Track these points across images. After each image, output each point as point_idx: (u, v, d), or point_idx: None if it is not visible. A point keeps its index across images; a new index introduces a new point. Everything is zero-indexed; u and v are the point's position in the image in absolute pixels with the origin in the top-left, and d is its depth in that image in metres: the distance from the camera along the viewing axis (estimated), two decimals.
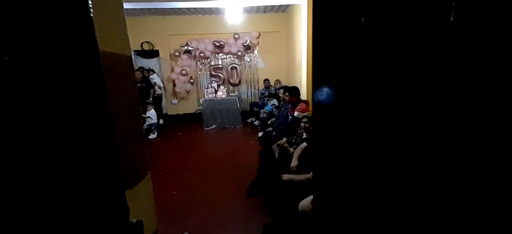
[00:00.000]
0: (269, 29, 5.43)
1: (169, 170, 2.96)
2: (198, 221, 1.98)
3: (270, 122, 3.45)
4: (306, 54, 2.70)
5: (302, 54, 2.96)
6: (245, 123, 4.96)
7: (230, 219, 1.99)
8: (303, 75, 2.94)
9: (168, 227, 1.91)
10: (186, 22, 5.27)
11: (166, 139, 4.33)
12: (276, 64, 5.65)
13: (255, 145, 3.74)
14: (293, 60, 4.61)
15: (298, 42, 3.62)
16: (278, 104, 4.17)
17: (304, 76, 2.89)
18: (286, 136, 2.44)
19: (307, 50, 2.70)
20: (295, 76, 4.30)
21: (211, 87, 4.96)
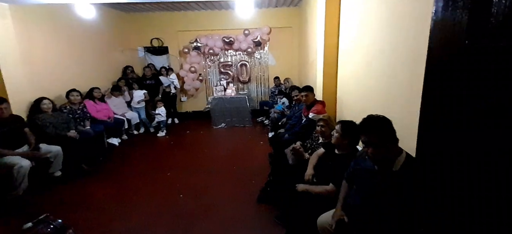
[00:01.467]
0: (281, 25, 5.20)
1: (177, 171, 2.88)
2: (204, 230, 1.86)
3: (281, 123, 3.27)
4: (323, 51, 2.49)
5: (318, 51, 2.74)
6: (254, 122, 4.81)
7: (238, 229, 1.86)
8: (318, 74, 2.73)
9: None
10: (196, 18, 5.14)
11: (174, 137, 4.27)
12: (287, 62, 5.43)
13: (265, 146, 3.59)
14: (305, 57, 4.38)
15: (313, 38, 3.39)
16: (288, 103, 3.98)
17: (319, 75, 2.69)
18: (300, 139, 2.27)
19: (323, 47, 2.49)
20: (308, 74, 4.08)
21: (220, 85, 4.84)
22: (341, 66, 2.46)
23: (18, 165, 2.19)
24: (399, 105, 1.48)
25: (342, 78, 2.46)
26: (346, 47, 2.33)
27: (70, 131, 2.99)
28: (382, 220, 1.10)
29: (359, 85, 2.04)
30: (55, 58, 3.29)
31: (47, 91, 3.01)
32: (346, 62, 2.34)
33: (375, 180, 1.13)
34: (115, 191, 2.47)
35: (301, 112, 2.68)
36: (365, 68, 1.90)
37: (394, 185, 1.06)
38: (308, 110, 2.42)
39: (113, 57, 4.60)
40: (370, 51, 1.82)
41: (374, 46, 1.75)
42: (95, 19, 4.06)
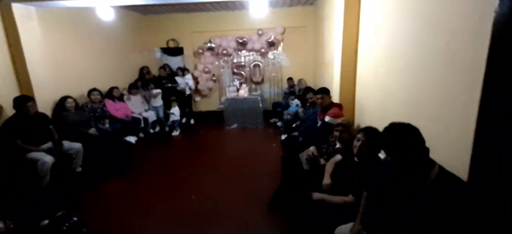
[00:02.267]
0: (295, 24, 5.08)
1: (189, 170, 2.89)
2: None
3: (295, 125, 3.18)
4: (340, 51, 2.36)
5: (335, 52, 2.61)
6: (267, 123, 4.74)
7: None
8: (335, 75, 2.60)
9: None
10: (210, 19, 5.19)
11: (188, 137, 4.33)
12: (301, 62, 5.29)
13: (278, 148, 3.51)
14: (321, 57, 4.23)
15: (329, 38, 3.26)
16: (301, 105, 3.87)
17: (336, 76, 2.55)
18: (315, 143, 2.16)
19: (341, 47, 2.36)
20: (324, 75, 3.94)
21: (233, 86, 4.83)
22: (360, 67, 2.32)
23: (41, 160, 2.31)
24: (429, 112, 1.34)
25: (361, 81, 2.31)
26: (366, 47, 2.19)
27: (90, 129, 3.12)
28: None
29: (381, 88, 1.90)
30: (77, 59, 3.46)
31: (70, 90, 3.17)
32: (366, 64, 2.20)
33: (401, 195, 1.02)
34: (130, 188, 2.53)
35: (316, 115, 2.57)
36: (388, 71, 1.76)
37: (425, 201, 0.95)
38: (324, 114, 2.30)
39: (131, 58, 4.77)
40: (394, 52, 1.68)
41: (400, 47, 1.61)
42: (114, 21, 4.23)
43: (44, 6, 2.66)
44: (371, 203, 1.21)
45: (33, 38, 2.69)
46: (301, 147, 2.32)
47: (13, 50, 2.52)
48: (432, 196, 0.93)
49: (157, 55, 5.60)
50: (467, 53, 1.04)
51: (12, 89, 2.54)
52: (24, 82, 2.62)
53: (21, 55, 2.55)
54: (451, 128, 1.17)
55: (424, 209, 0.95)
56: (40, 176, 2.31)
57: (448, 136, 1.19)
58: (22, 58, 2.56)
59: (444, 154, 1.15)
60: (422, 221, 0.95)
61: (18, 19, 2.47)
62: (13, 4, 2.39)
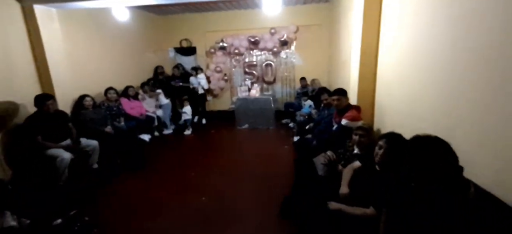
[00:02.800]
0: (309, 22, 4.93)
1: (200, 170, 2.88)
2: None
3: (308, 127, 3.06)
4: (359, 50, 2.22)
5: (352, 51, 2.47)
6: (278, 124, 4.65)
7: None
8: (353, 75, 2.45)
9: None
10: (223, 18, 5.17)
11: (199, 136, 4.34)
12: (314, 62, 5.13)
13: (290, 150, 3.42)
14: (336, 57, 4.07)
15: (346, 36, 3.10)
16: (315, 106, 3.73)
17: (354, 76, 2.41)
18: (330, 147, 2.04)
19: (360, 45, 2.21)
20: (339, 76, 3.77)
21: (244, 85, 4.78)
22: (381, 67, 2.16)
23: (60, 157, 2.39)
24: (465, 120, 1.18)
25: (382, 81, 2.15)
26: (389, 45, 2.02)
27: (107, 127, 3.21)
28: None
29: (407, 90, 1.74)
30: (95, 58, 3.57)
31: (88, 89, 3.27)
32: (388, 63, 2.03)
33: (430, 216, 0.89)
34: (142, 186, 2.56)
35: (331, 117, 2.45)
36: (417, 70, 1.60)
37: (460, 229, 0.81)
38: (340, 116, 2.18)
39: (146, 58, 4.87)
40: (424, 50, 1.53)
41: (431, 44, 1.45)
42: (130, 22, 4.33)
43: (64, 7, 2.76)
44: (393, 221, 1.10)
45: (54, 39, 2.80)
46: (315, 150, 2.22)
47: (36, 50, 2.62)
48: (468, 222, 0.80)
49: (171, 55, 5.69)
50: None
51: (34, 88, 2.65)
52: (46, 81, 2.73)
53: (43, 55, 2.65)
54: (491, 139, 1.02)
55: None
56: (58, 172, 2.39)
57: (488, 150, 1.04)
58: (44, 58, 2.66)
59: (483, 171, 1.01)
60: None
61: (40, 20, 2.57)
62: (35, 5, 2.48)
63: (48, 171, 2.38)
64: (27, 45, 2.59)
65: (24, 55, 2.57)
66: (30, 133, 2.35)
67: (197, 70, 4.97)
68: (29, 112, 2.47)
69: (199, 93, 4.95)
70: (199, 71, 4.97)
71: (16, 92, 2.45)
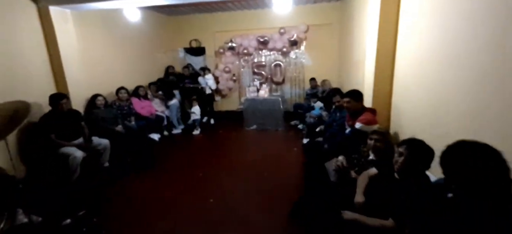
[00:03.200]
0: (320, 22, 4.82)
1: (208, 171, 2.86)
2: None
3: (318, 129, 2.97)
4: (375, 50, 2.11)
5: (367, 50, 2.36)
6: (287, 126, 4.57)
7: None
8: (367, 76, 2.34)
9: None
10: (232, 18, 5.15)
11: (208, 136, 4.34)
12: (325, 62, 5.01)
13: (299, 153, 3.33)
14: (348, 57, 3.93)
15: (360, 35, 2.98)
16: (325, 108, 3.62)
17: (368, 77, 2.29)
18: (343, 152, 1.96)
19: (375, 45, 2.10)
20: (351, 76, 3.64)
21: (253, 86, 4.73)
22: (399, 68, 2.04)
23: (72, 155, 2.44)
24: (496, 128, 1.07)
25: (400, 83, 2.03)
26: (408, 45, 1.91)
27: (117, 126, 3.26)
28: None
29: (428, 93, 1.62)
30: (107, 58, 3.65)
31: (101, 88, 3.34)
32: (408, 62, 1.90)
33: (469, 231, 0.80)
34: (150, 186, 2.57)
35: (344, 120, 2.35)
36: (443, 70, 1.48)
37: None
38: (354, 119, 2.08)
39: (156, 58, 4.94)
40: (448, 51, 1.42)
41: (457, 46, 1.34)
42: (141, 22, 4.39)
43: (78, 8, 2.82)
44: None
45: (68, 40, 2.87)
46: (326, 154, 2.14)
47: (51, 50, 2.69)
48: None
49: (181, 55, 5.74)
50: None
51: (50, 87, 2.72)
52: (60, 80, 2.80)
53: (57, 56, 2.72)
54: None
55: None
56: (70, 170, 2.44)
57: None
58: (59, 58, 2.73)
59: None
60: None
61: (55, 21, 2.64)
62: (50, 6, 2.55)
63: (61, 168, 2.43)
64: (43, 45, 2.67)
65: (40, 55, 2.65)
66: (44, 131, 2.41)
67: (205, 70, 4.98)
68: (45, 111, 2.53)
69: (206, 93, 4.96)
70: (207, 72, 4.98)
71: (33, 91, 2.53)
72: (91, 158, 2.75)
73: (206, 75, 4.93)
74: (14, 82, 2.36)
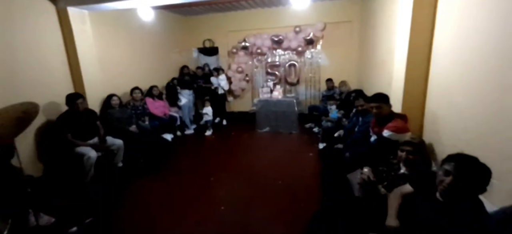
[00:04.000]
0: (338, 19, 4.56)
1: (220, 176, 2.76)
2: None
3: (337, 135, 2.76)
4: (407, 47, 1.88)
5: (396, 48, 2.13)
6: (301, 128, 4.37)
7: None
8: (396, 77, 2.10)
9: None
10: (245, 17, 5.05)
11: (219, 138, 4.27)
12: (342, 62, 4.75)
13: (315, 158, 3.14)
14: (369, 56, 3.67)
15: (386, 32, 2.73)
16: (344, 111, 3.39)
17: (397, 79, 2.06)
18: (368, 163, 1.76)
19: (408, 41, 1.87)
20: (373, 77, 3.38)
21: (266, 87, 4.59)
22: (436, 68, 1.79)
23: (87, 155, 2.45)
24: None
25: (437, 86, 1.78)
26: (449, 41, 1.65)
27: (131, 126, 3.27)
28: None
29: (476, 98, 1.37)
30: (123, 58, 3.68)
31: (116, 88, 3.37)
32: (449, 64, 1.63)
33: None
34: (161, 190, 2.52)
35: (368, 126, 2.14)
36: (492, 75, 1.26)
37: None
38: (381, 126, 1.87)
39: (170, 58, 4.96)
40: (505, 48, 1.19)
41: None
42: (155, 23, 4.41)
43: (95, 9, 2.84)
44: None
45: (86, 40, 2.91)
46: (348, 164, 1.95)
47: (69, 51, 2.74)
48: None
49: (194, 55, 5.74)
50: None
51: (68, 88, 2.77)
52: (78, 81, 2.84)
53: (75, 56, 2.77)
54: None
55: None
56: (85, 170, 2.46)
57: None
58: (76, 59, 2.78)
59: None
60: None
61: (73, 22, 2.68)
62: (68, 8, 2.58)
63: (76, 168, 2.46)
64: (62, 46, 2.72)
65: (59, 56, 2.70)
66: (60, 130, 2.44)
67: (218, 71, 4.92)
68: (62, 111, 2.57)
69: (219, 93, 4.89)
70: (221, 72, 4.91)
71: (52, 91, 2.59)
72: (105, 158, 2.77)
73: (220, 75, 4.86)
74: (34, 82, 2.42)
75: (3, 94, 2.11)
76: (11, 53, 2.23)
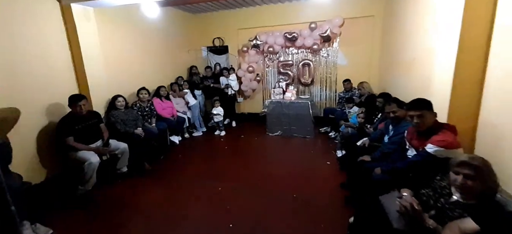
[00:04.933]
0: (358, 14, 4.20)
1: (228, 185, 2.53)
2: None
3: (361, 144, 2.43)
4: (457, 44, 1.55)
5: (437, 48, 1.79)
6: (316, 132, 4.07)
7: None
8: (439, 80, 1.76)
9: None
10: (256, 14, 4.79)
11: (228, 142, 4.05)
12: (362, 61, 4.37)
13: (333, 168, 2.84)
14: (396, 55, 3.29)
15: (418, 28, 2.38)
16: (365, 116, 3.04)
17: (441, 81, 1.71)
18: (406, 183, 1.45)
19: (459, 33, 1.54)
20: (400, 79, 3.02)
21: (278, 87, 4.31)
22: (496, 70, 1.44)
23: (88, 161, 2.30)
24: None
25: (498, 91, 1.44)
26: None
27: (137, 128, 3.11)
28: None
29: None
30: (129, 58, 3.54)
31: (122, 89, 3.23)
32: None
33: None
34: (166, 198, 2.33)
35: (402, 136, 1.81)
36: None
37: None
38: (422, 139, 1.55)
39: (179, 57, 4.80)
40: None
41: None
42: (163, 20, 4.25)
43: (100, 5, 2.70)
44: None
45: (90, 38, 2.77)
46: (380, 184, 1.65)
47: (73, 50, 2.61)
48: None
49: (204, 54, 5.56)
50: None
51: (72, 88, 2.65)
52: (82, 81, 2.71)
53: (79, 55, 2.63)
54: None
55: None
56: (86, 177, 2.31)
57: None
58: (80, 58, 2.64)
59: None
60: None
61: (77, 19, 2.54)
62: (72, 4, 2.44)
63: (77, 174, 2.32)
64: (66, 44, 2.59)
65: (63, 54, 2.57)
66: (61, 134, 2.31)
67: (229, 70, 4.68)
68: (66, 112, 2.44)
69: (229, 94, 4.67)
70: (231, 71, 4.68)
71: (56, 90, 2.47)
72: (109, 162, 2.63)
73: (231, 76, 4.63)
74: (36, 83, 2.30)
75: (2, 94, 1.99)
76: (13, 52, 2.11)
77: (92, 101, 2.79)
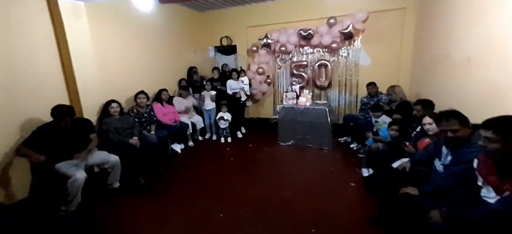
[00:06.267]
0: (385, 7, 3.64)
1: (231, 211, 2.11)
2: None
3: (399, 167, 1.91)
4: None
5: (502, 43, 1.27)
6: (335, 143, 3.56)
7: None
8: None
9: None
10: (267, 10, 4.36)
11: (235, 152, 3.64)
12: (389, 62, 3.82)
13: (360, 192, 2.34)
14: (435, 54, 2.73)
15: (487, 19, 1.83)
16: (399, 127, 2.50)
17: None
18: None
19: None
20: (442, 85, 2.46)
21: (291, 91, 3.85)
22: None
23: (73, 177, 1.98)
24: None
25: None
26: None
27: (132, 138, 2.78)
28: None
29: None
30: (127, 59, 3.23)
31: (118, 93, 2.93)
32: None
33: None
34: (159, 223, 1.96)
35: (469, 167, 1.29)
36: None
37: None
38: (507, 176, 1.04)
39: (185, 58, 4.46)
40: None
41: None
42: (166, 18, 3.93)
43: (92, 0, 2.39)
44: None
45: (82, 37, 2.47)
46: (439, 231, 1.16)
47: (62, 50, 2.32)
48: None
49: (211, 54, 5.21)
50: None
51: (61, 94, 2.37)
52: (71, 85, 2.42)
53: (68, 57, 2.35)
54: None
55: None
56: (70, 196, 2.00)
57: None
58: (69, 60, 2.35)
59: None
60: None
61: (64, 15, 2.24)
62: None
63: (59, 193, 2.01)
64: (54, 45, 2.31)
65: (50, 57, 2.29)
66: (31, 146, 1.98)
67: (239, 72, 4.25)
68: None
69: (242, 100, 4.21)
70: (242, 74, 4.26)
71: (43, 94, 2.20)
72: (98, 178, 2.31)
73: (242, 78, 4.20)
74: (22, 87, 2.03)
75: None
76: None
77: (82, 108, 2.50)
